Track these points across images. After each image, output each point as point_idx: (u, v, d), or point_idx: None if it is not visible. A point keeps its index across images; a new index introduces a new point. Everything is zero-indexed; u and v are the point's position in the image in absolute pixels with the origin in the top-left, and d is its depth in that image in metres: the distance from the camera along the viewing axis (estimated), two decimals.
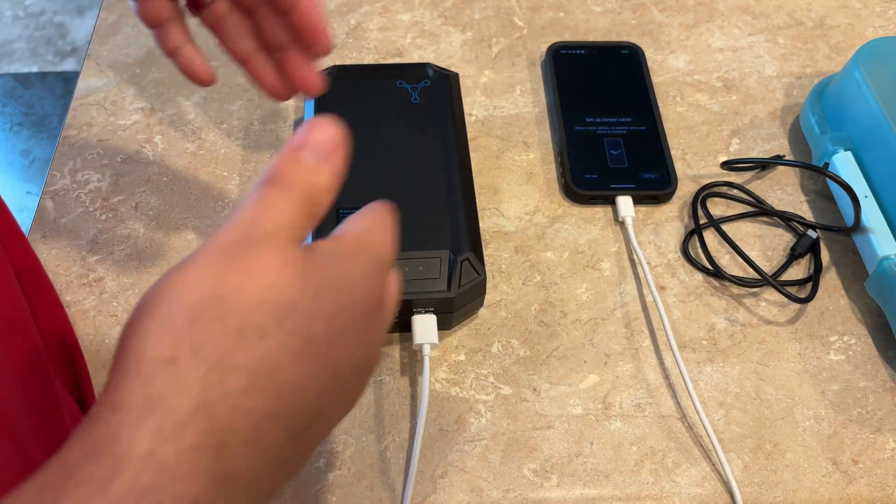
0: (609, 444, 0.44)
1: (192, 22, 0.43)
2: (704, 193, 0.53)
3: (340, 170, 0.28)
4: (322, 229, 0.45)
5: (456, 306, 0.45)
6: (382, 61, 0.60)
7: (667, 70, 0.61)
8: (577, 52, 0.60)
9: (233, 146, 0.55)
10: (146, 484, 0.21)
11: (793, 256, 0.51)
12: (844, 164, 0.51)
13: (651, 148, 0.54)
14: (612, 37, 0.63)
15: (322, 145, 0.28)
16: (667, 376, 0.46)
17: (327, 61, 0.60)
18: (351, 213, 0.46)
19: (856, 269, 0.51)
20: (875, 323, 0.48)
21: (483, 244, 0.50)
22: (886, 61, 0.52)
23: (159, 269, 0.49)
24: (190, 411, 0.22)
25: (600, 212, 0.53)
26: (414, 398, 0.45)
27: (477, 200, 0.52)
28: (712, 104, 0.59)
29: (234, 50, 0.41)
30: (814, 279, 0.49)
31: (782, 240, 0.52)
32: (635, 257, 0.50)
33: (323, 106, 0.51)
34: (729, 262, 0.51)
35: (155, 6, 0.39)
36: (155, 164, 0.54)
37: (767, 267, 0.51)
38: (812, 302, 0.49)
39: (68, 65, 1.77)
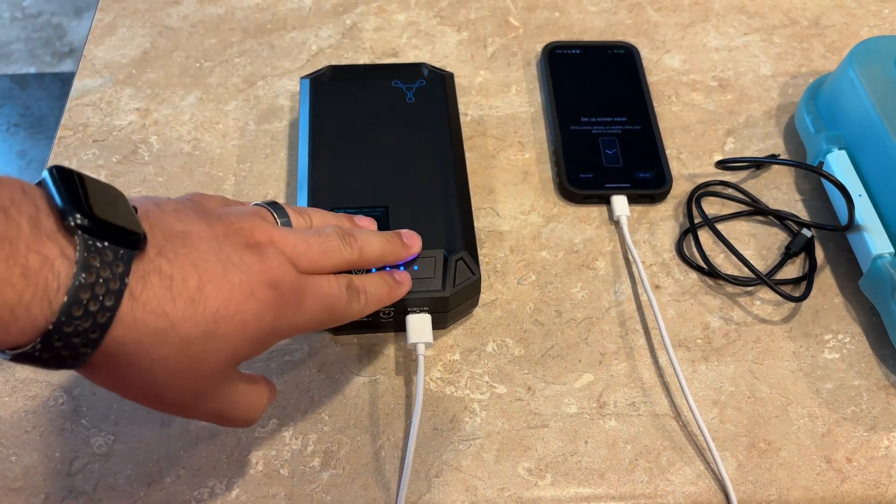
0: (603, 443, 0.44)
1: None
2: (699, 192, 0.53)
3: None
4: None
5: (451, 305, 0.45)
6: (378, 61, 0.60)
7: (662, 69, 0.61)
8: (573, 51, 0.60)
9: (228, 146, 0.55)
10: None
11: (787, 255, 0.51)
12: (838, 163, 0.51)
13: (646, 147, 0.54)
14: (608, 36, 0.63)
15: None
16: (661, 375, 0.46)
17: (323, 61, 0.60)
18: (346, 211, 0.46)
19: (850, 268, 0.51)
20: (869, 321, 0.49)
21: (478, 243, 0.50)
22: (880, 60, 0.52)
23: None
24: None
25: (595, 211, 0.53)
26: (408, 397, 0.45)
27: (472, 200, 0.52)
28: (707, 103, 0.59)
29: None
30: (808, 278, 0.49)
31: (777, 239, 0.52)
32: (630, 256, 0.50)
33: (319, 106, 0.51)
34: (724, 261, 0.51)
35: None
36: (150, 164, 0.54)
37: (762, 266, 0.51)
38: (806, 300, 0.49)
39: (66, 66, 1.77)
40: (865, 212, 0.49)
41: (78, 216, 0.28)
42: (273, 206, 0.38)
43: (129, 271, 0.29)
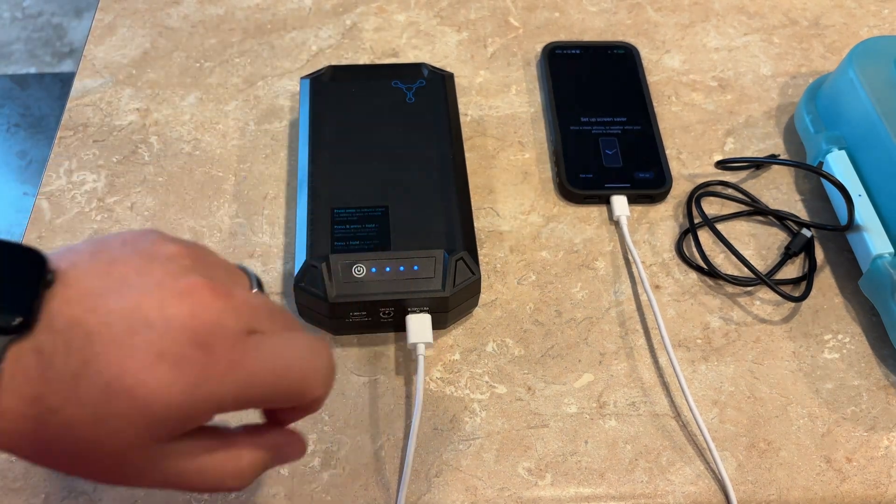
0: (603, 443, 0.44)
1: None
2: (699, 193, 0.53)
3: None
4: (316, 230, 0.45)
5: (451, 305, 0.45)
6: (378, 61, 0.60)
7: (662, 69, 0.61)
8: (573, 51, 0.60)
9: (228, 146, 0.55)
10: None
11: (787, 255, 0.51)
12: (838, 163, 0.51)
13: (646, 147, 0.55)
14: (608, 37, 0.63)
15: None
16: (661, 375, 0.46)
17: (322, 62, 0.60)
18: (344, 212, 0.46)
19: (850, 268, 0.51)
20: (869, 321, 0.49)
21: (478, 244, 0.50)
22: (880, 60, 0.52)
23: None
24: None
25: (595, 211, 0.53)
26: (408, 397, 0.45)
27: (472, 200, 0.52)
28: (707, 103, 0.59)
29: None
30: (808, 278, 0.50)
31: (777, 239, 0.52)
32: (630, 256, 0.50)
33: (319, 106, 0.51)
34: (723, 262, 0.51)
35: None
36: (150, 164, 0.54)
37: (762, 266, 0.51)
38: (806, 300, 0.49)
39: (66, 66, 1.77)
40: (865, 212, 0.49)
41: None
42: (256, 281, 0.33)
43: (3, 353, 0.25)
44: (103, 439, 0.26)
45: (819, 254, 0.51)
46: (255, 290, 0.32)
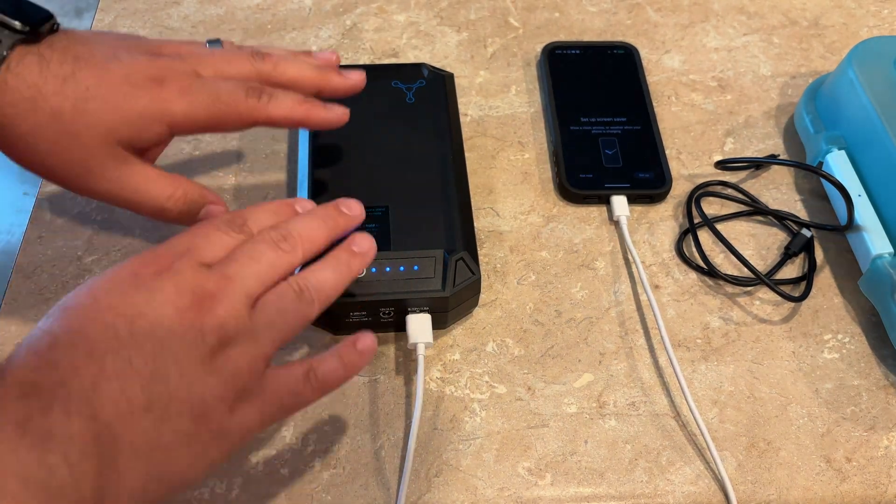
0: (603, 443, 0.44)
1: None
2: (699, 193, 0.53)
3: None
4: None
5: (450, 305, 0.45)
6: (378, 61, 0.60)
7: (662, 70, 0.61)
8: (573, 52, 0.60)
9: (229, 146, 0.55)
10: None
11: (787, 255, 0.51)
12: (838, 163, 0.51)
13: (646, 147, 0.55)
14: (608, 37, 0.63)
15: None
16: (661, 375, 0.46)
17: None
18: None
19: (850, 268, 0.51)
20: (869, 321, 0.49)
21: (478, 243, 0.50)
22: (880, 61, 0.52)
23: None
24: None
25: (595, 211, 0.53)
26: (408, 397, 0.45)
27: (472, 200, 0.52)
28: (707, 104, 0.59)
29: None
30: (808, 278, 0.50)
31: (776, 239, 0.52)
32: (630, 256, 0.50)
33: None
34: (723, 262, 0.51)
35: None
36: None
37: (762, 266, 0.51)
38: (806, 300, 0.49)
39: None
40: (865, 212, 0.49)
41: None
42: (214, 43, 0.43)
43: (12, 47, 0.35)
44: (79, 130, 0.36)
45: (819, 254, 0.51)
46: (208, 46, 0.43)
